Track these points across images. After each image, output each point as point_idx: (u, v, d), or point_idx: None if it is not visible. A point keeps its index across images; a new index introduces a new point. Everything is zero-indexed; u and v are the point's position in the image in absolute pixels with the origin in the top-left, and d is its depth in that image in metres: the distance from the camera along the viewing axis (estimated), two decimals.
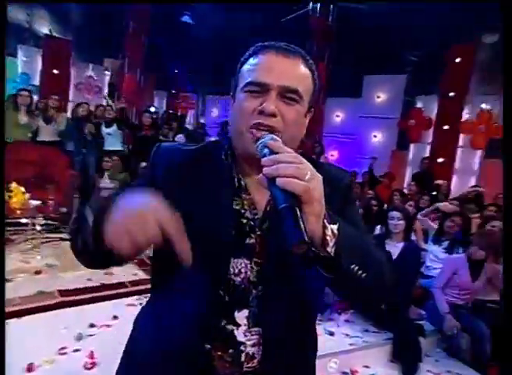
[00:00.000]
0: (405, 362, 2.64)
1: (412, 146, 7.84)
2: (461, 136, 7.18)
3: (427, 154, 7.33)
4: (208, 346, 0.74)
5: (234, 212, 0.76)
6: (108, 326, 2.54)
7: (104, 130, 5.87)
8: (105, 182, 5.18)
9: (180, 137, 6.75)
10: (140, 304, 0.93)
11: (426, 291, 3.24)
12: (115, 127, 5.89)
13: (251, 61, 0.76)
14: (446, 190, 5.88)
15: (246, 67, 0.76)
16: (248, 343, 0.75)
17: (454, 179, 7.10)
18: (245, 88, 0.74)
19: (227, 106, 11.02)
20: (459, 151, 7.22)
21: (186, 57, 10.98)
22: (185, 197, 0.75)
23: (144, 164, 4.86)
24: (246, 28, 9.91)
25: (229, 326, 0.75)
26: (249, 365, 0.75)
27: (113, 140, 5.88)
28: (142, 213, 0.59)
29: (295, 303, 0.78)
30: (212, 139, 1.00)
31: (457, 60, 7.09)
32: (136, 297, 2.93)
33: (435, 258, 3.60)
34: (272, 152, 0.62)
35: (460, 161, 7.23)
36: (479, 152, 7.15)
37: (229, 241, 0.74)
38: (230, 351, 0.74)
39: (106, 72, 9.14)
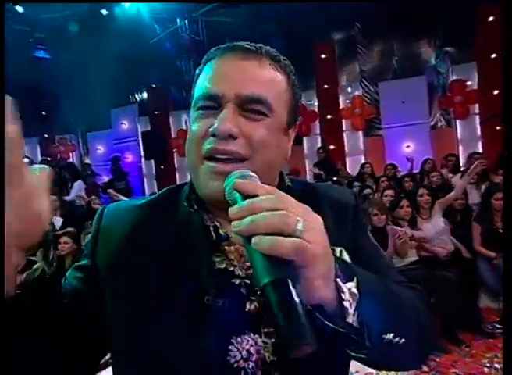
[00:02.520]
0: None
1: (305, 140, 8.32)
2: (343, 122, 7.87)
3: (319, 144, 7.85)
4: None
5: (219, 272, 0.56)
6: None
7: None
8: None
9: (79, 184, 6.03)
10: None
11: None
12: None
13: (205, 70, 0.60)
14: (346, 173, 6.36)
15: (199, 79, 0.60)
16: None
17: (348, 161, 7.75)
18: (196, 105, 0.58)
19: (110, 140, 10.28)
20: (345, 135, 7.91)
21: (52, 96, 9.92)
22: (147, 269, 0.56)
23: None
24: (109, 56, 9.42)
25: None
26: None
27: None
28: None
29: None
30: (172, 185, 0.69)
31: (323, 56, 7.79)
32: None
33: None
34: (244, 197, 0.44)
35: (348, 144, 7.93)
36: (360, 133, 7.94)
37: (219, 315, 0.53)
38: None
39: None
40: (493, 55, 6.05)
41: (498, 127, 5.73)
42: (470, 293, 3.27)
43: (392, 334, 0.47)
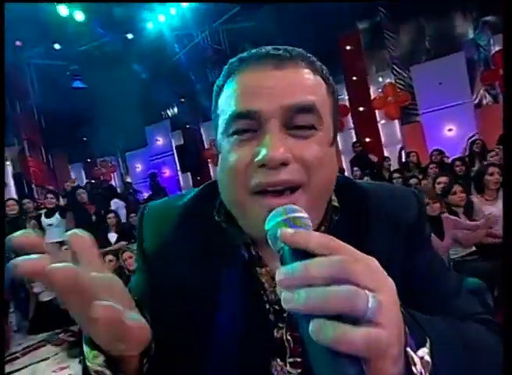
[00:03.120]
0: None
1: (339, 135, 8.05)
2: (377, 112, 7.54)
3: (354, 139, 7.57)
4: None
5: (249, 295, 0.52)
6: None
7: (46, 221, 5.14)
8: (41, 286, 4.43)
9: (115, 202, 6.25)
10: None
11: None
12: (57, 216, 5.21)
13: (228, 86, 0.50)
14: (388, 164, 6.05)
15: (223, 98, 0.51)
16: None
17: (385, 152, 7.38)
18: (229, 130, 0.48)
19: (147, 157, 10.62)
20: (380, 126, 7.56)
21: (90, 122, 10.47)
22: (178, 278, 0.54)
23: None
24: (139, 77, 9.75)
25: None
26: None
27: (56, 230, 5.17)
28: None
29: None
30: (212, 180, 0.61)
31: (348, 48, 7.53)
32: None
33: None
34: (292, 255, 0.34)
35: (384, 134, 7.57)
36: (396, 122, 7.55)
37: (252, 341, 0.50)
38: None
39: (6, 162, 8.28)
40: None
41: None
42: None
43: None
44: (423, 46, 8.00)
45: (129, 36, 9.39)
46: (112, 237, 5.15)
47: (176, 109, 10.92)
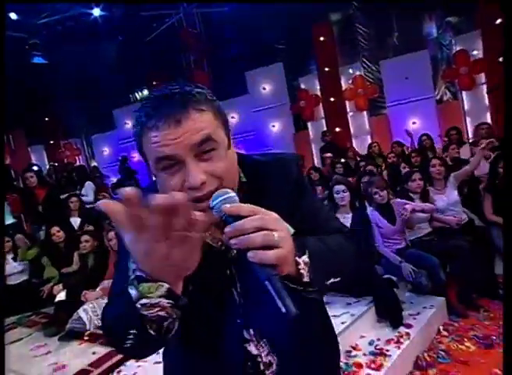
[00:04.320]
0: (391, 316, 2.73)
1: (310, 125, 8.28)
2: (347, 103, 7.80)
3: (324, 128, 7.81)
4: None
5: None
6: None
7: None
8: (12, 266, 4.29)
9: (89, 184, 6.06)
10: None
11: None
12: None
13: (145, 135, 0.66)
14: (353, 155, 6.32)
15: (144, 146, 0.68)
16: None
17: (354, 142, 7.69)
18: (159, 167, 0.67)
19: (115, 140, 10.34)
20: (349, 117, 7.85)
21: (53, 101, 9.98)
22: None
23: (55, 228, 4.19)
24: (107, 57, 9.40)
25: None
26: None
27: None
28: None
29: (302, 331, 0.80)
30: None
31: (321, 38, 7.69)
32: None
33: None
34: (231, 219, 0.58)
35: (352, 125, 7.87)
36: (365, 113, 7.87)
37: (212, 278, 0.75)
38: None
39: None
40: (498, 21, 5.90)
41: None
42: (485, 260, 3.27)
43: (332, 279, 0.72)
44: (391, 42, 8.36)
45: (96, 12, 8.98)
46: (75, 221, 4.96)
47: (146, 92, 10.64)
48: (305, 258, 0.64)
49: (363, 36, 8.74)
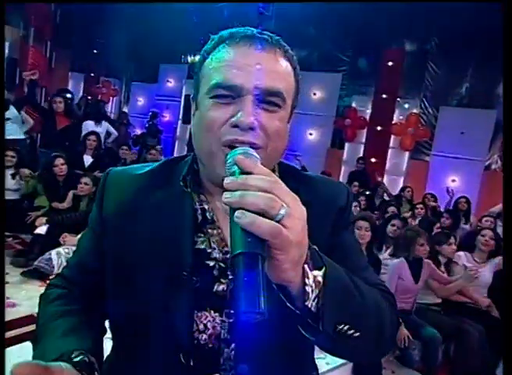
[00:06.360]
0: None
1: (347, 145, 7.95)
2: (392, 137, 7.44)
3: (360, 154, 7.48)
4: None
5: (197, 252, 0.63)
6: None
7: (6, 113, 4.74)
8: (8, 183, 4.09)
9: (88, 124, 5.79)
10: None
11: None
12: (13, 110, 4.78)
13: (217, 55, 0.60)
14: (382, 192, 5.99)
15: (209, 63, 0.60)
16: None
17: (385, 179, 7.34)
18: (211, 93, 0.58)
19: (153, 94, 10.19)
20: (389, 151, 7.49)
21: (107, 35, 9.84)
22: (137, 235, 0.64)
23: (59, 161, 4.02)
24: (170, 12, 9.16)
25: None
26: None
27: (12, 127, 4.77)
28: None
29: (280, 361, 0.62)
30: (171, 157, 0.75)
31: (389, 64, 7.33)
32: None
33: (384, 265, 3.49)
34: (242, 172, 0.47)
35: (390, 161, 7.51)
36: (407, 154, 7.50)
37: (190, 290, 0.60)
38: None
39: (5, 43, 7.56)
40: None
41: None
42: (490, 356, 2.97)
43: (347, 326, 0.51)
44: (459, 91, 7.92)
45: None
46: (87, 159, 4.89)
47: (197, 58, 10.41)
48: (318, 274, 0.50)
49: (431, 75, 8.31)
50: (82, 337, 0.61)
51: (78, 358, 0.55)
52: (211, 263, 0.63)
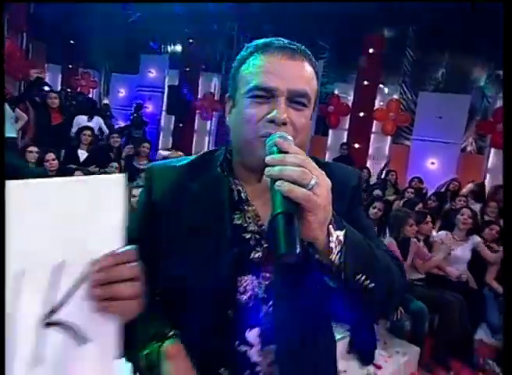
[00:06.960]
0: (363, 351, 2.68)
1: (331, 132, 8.13)
2: (374, 123, 7.66)
3: (344, 140, 7.67)
4: (223, 369, 0.72)
5: (235, 227, 0.74)
6: None
7: None
8: None
9: (80, 118, 5.76)
10: None
11: None
12: (7, 107, 4.70)
13: (253, 62, 0.72)
14: (367, 176, 6.20)
15: (246, 69, 0.72)
16: (264, 363, 0.73)
17: (368, 163, 7.58)
18: (249, 93, 0.70)
19: (134, 85, 10.03)
20: (372, 136, 7.72)
21: (85, 26, 9.54)
22: (184, 215, 0.74)
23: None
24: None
25: (242, 347, 0.72)
26: None
27: (6, 125, 4.68)
28: None
29: (308, 316, 0.74)
30: (206, 151, 0.90)
31: (371, 51, 7.47)
32: None
33: None
34: (280, 152, 0.59)
35: (373, 146, 7.75)
36: (389, 138, 7.75)
37: (231, 259, 0.72)
38: (246, 373, 0.72)
39: None
40: None
41: None
42: (469, 323, 3.24)
43: (364, 277, 0.62)
44: (436, 76, 8.17)
45: None
46: (82, 154, 4.87)
47: (178, 47, 10.27)
48: (340, 234, 0.60)
49: (410, 61, 8.52)
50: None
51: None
52: (248, 236, 0.74)
